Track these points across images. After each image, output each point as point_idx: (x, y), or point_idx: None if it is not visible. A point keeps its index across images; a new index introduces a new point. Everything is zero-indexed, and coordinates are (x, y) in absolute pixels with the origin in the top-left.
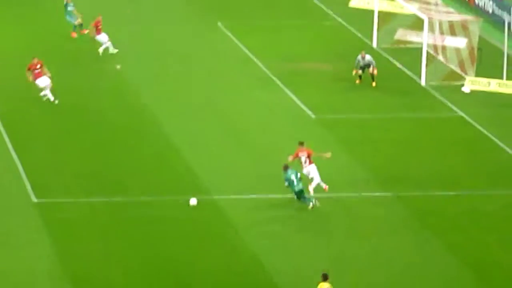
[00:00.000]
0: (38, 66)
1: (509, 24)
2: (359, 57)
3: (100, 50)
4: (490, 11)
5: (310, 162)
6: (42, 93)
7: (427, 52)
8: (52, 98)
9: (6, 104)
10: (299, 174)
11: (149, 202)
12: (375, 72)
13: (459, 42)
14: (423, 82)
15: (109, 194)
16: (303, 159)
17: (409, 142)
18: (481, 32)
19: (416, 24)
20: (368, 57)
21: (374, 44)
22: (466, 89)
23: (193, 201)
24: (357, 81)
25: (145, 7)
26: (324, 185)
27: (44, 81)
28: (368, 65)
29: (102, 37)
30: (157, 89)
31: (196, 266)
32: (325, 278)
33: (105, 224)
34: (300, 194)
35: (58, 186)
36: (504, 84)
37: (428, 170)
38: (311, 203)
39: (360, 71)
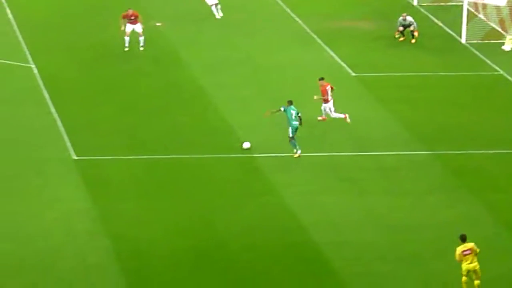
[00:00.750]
0: (133, 17)
1: None
2: (400, 18)
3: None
4: None
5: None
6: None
7: (468, 10)
8: (142, 44)
9: (47, 62)
10: (299, 114)
11: (187, 160)
12: (416, 34)
13: (500, 0)
14: (463, 40)
15: (147, 152)
16: (329, 92)
17: (448, 101)
18: None
19: None
20: (409, 18)
21: (415, 2)
22: (506, 47)
23: (246, 145)
24: (401, 38)
25: None
26: (343, 115)
27: (138, 28)
28: (409, 26)
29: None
30: (196, 46)
31: (233, 223)
32: (463, 239)
33: (144, 181)
34: (294, 133)
35: (97, 143)
36: None
37: (466, 128)
38: (298, 152)
39: (401, 29)
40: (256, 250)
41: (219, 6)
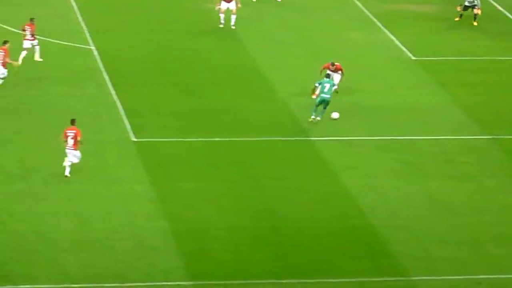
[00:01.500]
0: None
1: None
2: None
3: None
4: None
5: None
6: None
7: None
8: (232, 22)
9: (107, 44)
10: (334, 87)
11: (245, 143)
12: (479, 12)
13: None
14: None
15: (205, 134)
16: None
17: (507, 85)
18: None
19: None
20: None
21: None
22: None
23: (335, 115)
24: (456, 19)
25: None
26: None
27: (232, 5)
28: (473, 6)
29: None
30: (253, 28)
31: (292, 206)
32: None
33: (201, 163)
34: (319, 104)
35: (156, 125)
36: None
37: None
38: (312, 117)
39: (463, 11)
40: (314, 232)
41: None
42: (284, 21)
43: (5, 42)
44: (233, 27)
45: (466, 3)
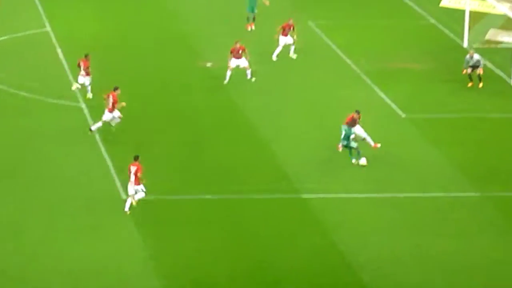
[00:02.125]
0: (240, 51)
1: None
2: (468, 56)
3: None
4: None
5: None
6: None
7: None
8: (249, 76)
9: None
10: (350, 135)
11: (239, 200)
12: (481, 72)
13: None
14: None
15: (199, 191)
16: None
17: (499, 143)
18: None
19: (507, 24)
20: (476, 56)
21: (465, 44)
22: None
23: (363, 161)
24: (469, 84)
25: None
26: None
27: (243, 62)
28: (477, 66)
29: (284, 40)
30: (247, 87)
31: (285, 263)
32: None
33: (196, 221)
34: (344, 147)
35: (147, 183)
36: None
37: None
38: (356, 159)
39: (469, 70)
40: None
41: (293, 47)
42: (276, 78)
43: (115, 89)
44: (252, 79)
45: (470, 64)
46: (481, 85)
